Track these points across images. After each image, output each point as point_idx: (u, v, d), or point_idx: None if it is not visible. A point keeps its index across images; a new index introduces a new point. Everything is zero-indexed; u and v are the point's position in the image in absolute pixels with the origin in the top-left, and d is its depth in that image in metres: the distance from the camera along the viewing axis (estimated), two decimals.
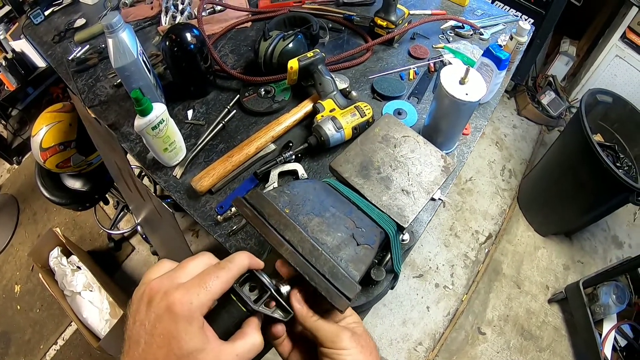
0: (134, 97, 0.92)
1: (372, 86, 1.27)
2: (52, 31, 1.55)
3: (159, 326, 0.39)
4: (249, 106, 1.20)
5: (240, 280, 0.48)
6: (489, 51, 1.13)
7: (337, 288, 0.49)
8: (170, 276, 0.42)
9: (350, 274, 0.53)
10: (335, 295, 0.48)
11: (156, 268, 0.45)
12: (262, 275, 0.48)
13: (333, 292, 0.48)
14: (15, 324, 2.37)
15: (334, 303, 0.48)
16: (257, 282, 0.48)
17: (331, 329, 0.47)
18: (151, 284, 0.42)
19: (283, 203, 0.60)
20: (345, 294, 0.49)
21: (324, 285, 0.49)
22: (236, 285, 0.47)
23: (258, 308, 0.47)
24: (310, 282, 0.49)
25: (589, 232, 2.52)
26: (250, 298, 0.47)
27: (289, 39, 1.21)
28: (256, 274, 0.48)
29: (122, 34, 1.03)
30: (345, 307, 0.48)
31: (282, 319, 0.48)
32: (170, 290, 0.40)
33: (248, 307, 0.46)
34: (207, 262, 0.46)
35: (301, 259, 0.50)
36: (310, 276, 0.49)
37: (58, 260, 2.13)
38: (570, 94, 2.97)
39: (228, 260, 0.45)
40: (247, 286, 0.48)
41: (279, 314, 0.48)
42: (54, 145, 1.63)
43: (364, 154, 0.79)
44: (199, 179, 1.02)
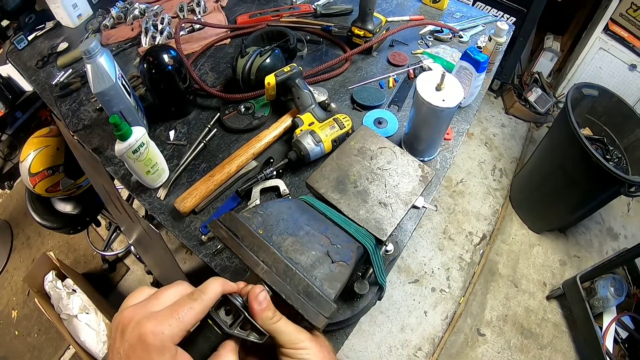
0: (113, 123, 0.92)
1: (352, 96, 1.27)
2: (36, 56, 1.55)
3: (133, 356, 0.39)
4: (230, 124, 1.20)
5: (216, 304, 0.48)
6: (467, 54, 1.13)
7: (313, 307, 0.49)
8: (144, 305, 0.43)
9: (325, 292, 0.53)
10: (312, 312, 0.49)
11: (134, 295, 0.46)
12: (236, 298, 0.48)
13: (310, 310, 0.49)
14: (14, 349, 2.35)
15: (311, 320, 0.49)
16: (231, 306, 0.48)
17: (291, 330, 0.48)
18: (124, 313, 0.42)
19: (257, 224, 0.60)
20: (320, 313, 0.49)
21: (299, 303, 0.49)
22: (212, 310, 0.47)
23: (233, 332, 0.47)
24: (287, 300, 0.49)
25: (584, 226, 2.52)
26: (226, 322, 0.47)
27: (266, 54, 1.21)
28: (230, 298, 0.48)
29: (100, 59, 1.03)
30: (322, 324, 0.49)
31: (257, 341, 0.48)
32: (143, 320, 0.40)
33: (224, 331, 0.46)
34: (181, 292, 0.46)
35: (277, 277, 0.51)
36: (287, 294, 0.50)
37: (53, 284, 2.12)
38: (557, 89, 2.98)
39: (201, 290, 0.46)
40: (222, 310, 0.48)
41: (254, 336, 0.48)
42: (43, 170, 1.64)
43: (340, 169, 0.79)
44: (181, 199, 1.02)
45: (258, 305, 0.47)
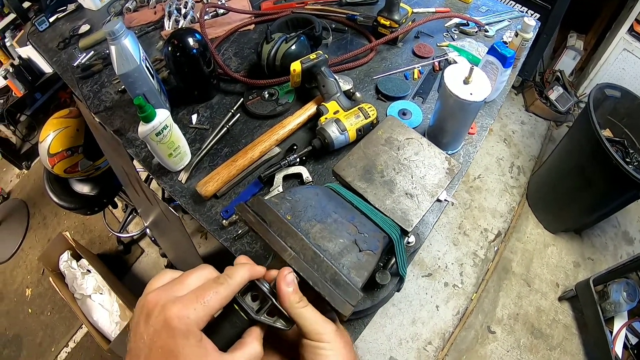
0: (137, 104, 0.92)
1: (377, 86, 1.26)
2: (57, 38, 1.56)
3: (158, 340, 0.39)
4: (253, 109, 1.20)
5: (242, 290, 0.48)
6: (493, 49, 1.12)
7: (340, 295, 0.49)
8: (169, 289, 0.42)
9: (353, 280, 0.52)
10: (339, 300, 0.48)
11: (158, 278, 0.45)
12: (264, 284, 0.48)
13: (337, 298, 0.48)
14: (27, 327, 2.40)
15: (338, 308, 0.48)
16: (258, 292, 0.48)
17: (317, 320, 0.46)
18: (149, 297, 0.42)
19: (285, 209, 0.59)
20: (347, 301, 0.49)
21: (327, 291, 0.48)
22: (238, 295, 0.47)
23: (260, 318, 0.46)
24: (314, 287, 0.48)
25: (599, 228, 2.49)
26: (253, 308, 0.47)
27: (292, 41, 1.20)
28: (257, 283, 0.47)
29: (124, 41, 1.02)
30: (348, 312, 0.48)
31: (284, 328, 0.47)
32: (168, 304, 0.40)
33: (250, 317, 0.46)
34: (207, 276, 0.45)
35: (304, 264, 0.50)
36: (314, 281, 0.49)
37: (68, 264, 2.15)
38: (579, 88, 2.93)
39: (228, 274, 0.45)
40: (249, 296, 0.48)
41: (281, 323, 0.47)
42: (62, 151, 1.65)
43: (367, 158, 0.78)
44: (203, 183, 1.02)
45: (286, 287, 0.46)
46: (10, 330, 2.42)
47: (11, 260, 2.68)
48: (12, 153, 3.04)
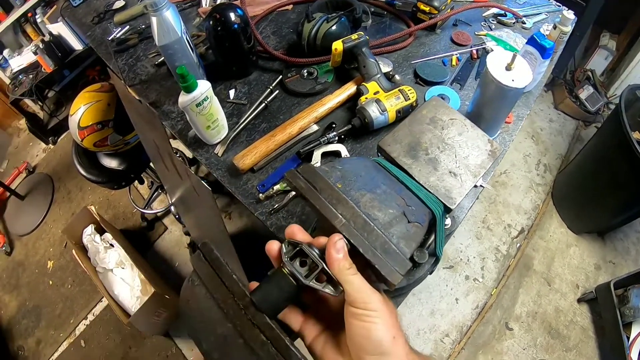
0: (179, 73, 0.93)
1: (415, 71, 1.25)
2: (91, 13, 1.58)
3: None
4: (292, 87, 1.20)
5: (291, 255, 0.48)
6: (533, 39, 1.11)
7: (389, 264, 0.49)
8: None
9: (402, 250, 0.52)
10: (388, 268, 0.48)
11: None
12: (313, 249, 0.48)
13: (386, 265, 0.48)
14: (47, 298, 2.45)
15: (387, 276, 0.48)
16: (307, 257, 0.47)
17: (365, 287, 0.46)
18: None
19: (335, 178, 0.59)
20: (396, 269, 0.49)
21: (377, 258, 0.48)
22: (287, 260, 0.47)
23: (309, 283, 0.46)
24: (365, 254, 0.48)
25: (623, 232, 2.45)
26: (302, 273, 0.47)
27: (333, 21, 1.20)
28: (305, 249, 0.47)
29: (165, 13, 1.03)
30: (397, 281, 0.48)
31: (333, 294, 0.47)
32: None
33: (299, 281, 0.46)
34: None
35: (355, 232, 0.50)
36: (365, 249, 0.49)
37: (91, 238, 2.18)
38: (609, 89, 2.88)
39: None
40: (297, 261, 0.48)
41: (330, 289, 0.47)
42: (92, 124, 1.66)
43: (412, 135, 0.78)
44: (241, 157, 1.03)
45: (336, 253, 0.46)
46: (30, 301, 2.47)
47: (34, 233, 2.73)
48: (39, 128, 3.09)
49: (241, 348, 0.46)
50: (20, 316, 2.43)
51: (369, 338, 0.44)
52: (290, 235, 0.51)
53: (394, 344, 0.45)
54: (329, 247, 0.47)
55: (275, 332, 0.45)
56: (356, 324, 0.45)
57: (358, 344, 0.45)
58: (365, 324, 0.45)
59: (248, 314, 0.46)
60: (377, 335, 0.44)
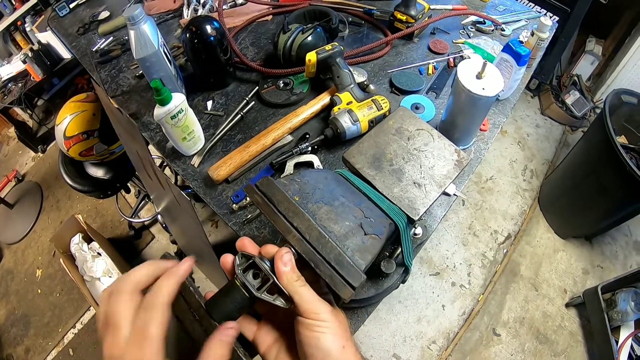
0: (154, 87, 0.94)
1: (391, 80, 1.26)
2: (77, 23, 1.59)
3: None
4: (268, 98, 1.21)
5: (244, 267, 0.49)
6: (508, 47, 1.12)
7: (342, 276, 0.49)
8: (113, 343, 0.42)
9: (356, 262, 0.52)
10: (339, 283, 0.49)
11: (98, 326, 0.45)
12: (265, 262, 0.49)
13: (337, 280, 0.49)
14: (36, 307, 2.44)
15: (338, 291, 0.48)
16: (259, 270, 0.49)
17: (313, 298, 0.47)
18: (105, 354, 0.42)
19: (293, 191, 0.60)
20: (349, 283, 0.49)
21: (328, 273, 0.49)
22: (240, 272, 0.48)
23: (260, 295, 0.47)
24: (316, 269, 0.49)
25: (610, 236, 2.46)
26: (254, 285, 0.48)
27: (308, 32, 1.21)
28: (257, 262, 0.48)
29: (143, 26, 1.04)
30: (348, 295, 0.48)
31: (283, 306, 0.48)
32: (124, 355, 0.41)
33: (251, 293, 0.47)
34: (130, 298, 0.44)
35: (308, 246, 0.51)
36: (316, 263, 0.49)
37: (79, 247, 2.18)
38: (596, 94, 2.90)
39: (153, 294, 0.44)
40: (250, 273, 0.49)
41: (281, 301, 0.48)
42: (78, 134, 1.67)
43: (377, 146, 0.79)
44: (216, 167, 1.04)
45: (283, 266, 0.47)
46: (19, 309, 2.46)
47: (23, 241, 2.73)
48: (28, 136, 3.09)
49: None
50: (9, 324, 2.42)
51: (317, 347, 0.46)
52: (240, 247, 0.52)
53: (343, 353, 0.46)
54: (277, 260, 0.48)
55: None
56: (306, 334, 0.46)
57: (308, 353, 0.46)
58: (314, 333, 0.46)
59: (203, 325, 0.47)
60: (325, 345, 0.45)
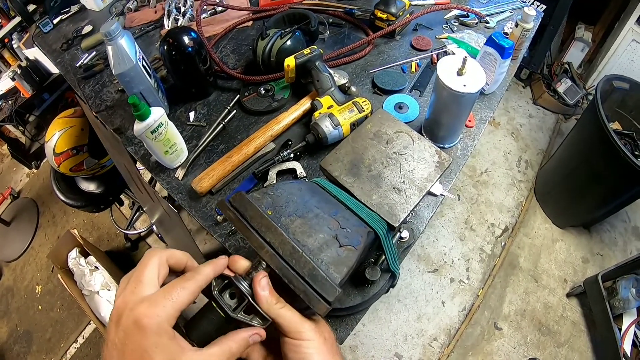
0: (131, 103, 0.93)
1: (373, 80, 1.25)
2: (61, 39, 1.58)
3: (129, 342, 0.39)
4: (249, 106, 1.20)
5: (221, 287, 0.49)
6: (491, 40, 1.10)
7: (317, 291, 0.48)
8: (133, 291, 0.42)
9: (331, 276, 0.52)
10: (313, 298, 0.48)
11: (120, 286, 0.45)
12: (241, 282, 0.48)
13: (312, 296, 0.48)
14: (37, 323, 2.45)
15: (313, 307, 0.48)
16: (236, 290, 0.48)
17: (295, 319, 0.47)
18: (116, 303, 0.42)
19: (266, 205, 0.59)
20: (324, 297, 0.49)
21: (302, 288, 0.48)
22: (216, 293, 0.48)
23: (236, 316, 0.47)
24: (289, 284, 0.48)
25: (609, 223, 2.45)
26: (230, 306, 0.47)
27: (287, 36, 1.20)
28: (235, 281, 0.48)
29: (120, 41, 1.04)
30: (324, 311, 0.48)
31: (260, 325, 0.48)
32: (136, 305, 0.40)
33: (227, 314, 0.46)
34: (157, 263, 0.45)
35: (281, 261, 0.50)
36: (289, 279, 0.49)
37: (76, 261, 2.18)
38: (587, 81, 2.89)
39: (194, 271, 0.46)
40: (227, 293, 0.49)
41: (257, 322, 0.48)
42: (67, 150, 1.67)
43: (354, 152, 0.77)
44: (199, 180, 1.03)
45: (261, 290, 0.47)
46: (21, 326, 2.46)
47: (22, 258, 2.73)
48: (21, 153, 3.09)
49: None
50: (11, 342, 2.42)
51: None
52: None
53: None
54: (255, 285, 0.48)
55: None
56: (291, 356, 0.47)
57: None
58: (300, 355, 0.46)
59: None
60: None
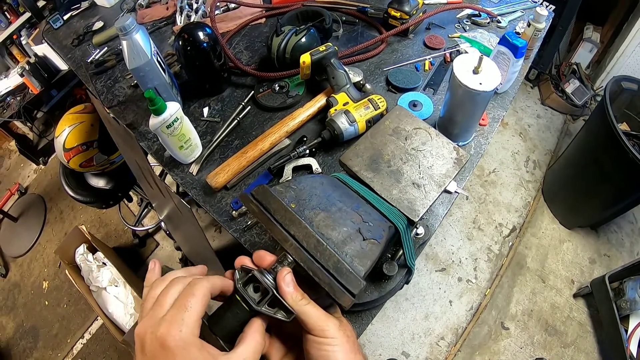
0: (148, 97, 0.93)
1: (387, 78, 1.25)
2: (72, 35, 1.59)
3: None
4: (263, 102, 1.20)
5: (244, 281, 0.48)
6: (505, 39, 1.10)
7: (342, 283, 0.48)
8: (151, 316, 0.43)
9: (355, 269, 0.52)
10: (338, 291, 0.48)
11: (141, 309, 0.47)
12: (265, 275, 0.48)
13: (336, 288, 0.48)
14: (44, 319, 2.46)
15: (337, 299, 0.48)
16: (260, 283, 0.48)
17: (320, 316, 0.47)
18: (137, 331, 0.43)
19: (289, 198, 0.59)
20: (349, 290, 0.49)
21: (327, 281, 0.48)
22: (240, 286, 0.48)
23: (261, 309, 0.47)
24: (314, 277, 0.48)
25: (616, 224, 2.44)
26: (254, 299, 0.47)
27: (302, 33, 1.21)
28: (257, 275, 0.48)
29: (135, 36, 1.04)
30: (348, 304, 0.48)
31: (285, 319, 0.48)
32: (155, 328, 0.41)
33: (251, 307, 0.47)
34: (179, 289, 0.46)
35: (305, 254, 0.50)
36: (314, 272, 0.49)
37: (84, 257, 2.19)
38: (595, 82, 2.88)
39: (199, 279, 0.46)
40: (251, 287, 0.49)
41: (282, 315, 0.48)
42: (77, 146, 1.67)
43: (373, 148, 0.78)
44: (214, 175, 1.03)
45: (286, 286, 0.47)
46: (28, 322, 2.48)
47: (29, 254, 2.74)
48: (29, 149, 3.10)
49: None
50: (18, 337, 2.43)
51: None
52: (238, 264, 0.52)
53: None
54: (279, 281, 0.48)
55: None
56: (314, 353, 0.46)
57: None
58: (323, 352, 0.46)
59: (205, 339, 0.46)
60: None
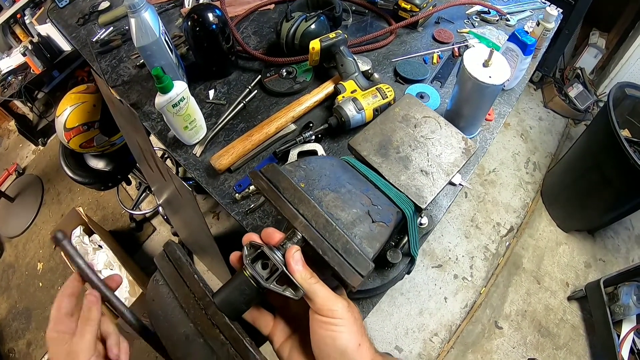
0: (155, 74, 0.92)
1: (395, 69, 1.25)
2: (77, 14, 1.57)
3: None
4: (270, 86, 1.20)
5: (253, 257, 0.48)
6: (514, 36, 1.10)
7: (350, 264, 0.48)
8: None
9: (364, 250, 0.51)
10: (348, 270, 0.48)
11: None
12: (274, 252, 0.48)
13: (346, 267, 0.48)
14: (37, 300, 2.44)
15: (346, 278, 0.47)
16: (268, 260, 0.47)
17: (329, 296, 0.47)
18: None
19: (299, 177, 0.59)
20: (357, 271, 0.48)
21: (337, 260, 0.48)
22: (248, 262, 0.47)
23: (269, 285, 0.46)
24: (324, 256, 0.48)
25: (613, 230, 2.45)
26: (263, 276, 0.47)
27: (311, 20, 1.20)
28: (267, 251, 0.47)
29: (144, 14, 1.03)
30: (357, 284, 0.48)
31: (293, 296, 0.47)
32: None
33: (260, 284, 0.46)
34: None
35: (315, 233, 0.50)
36: (324, 250, 0.48)
37: (80, 239, 2.17)
38: (599, 87, 2.89)
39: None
40: (259, 263, 0.48)
41: (290, 292, 0.47)
42: (78, 126, 1.66)
43: (383, 133, 0.77)
44: (218, 157, 1.02)
45: (295, 264, 0.47)
46: (21, 303, 2.46)
47: (24, 234, 2.72)
48: (28, 129, 3.08)
49: (201, 347, 0.46)
50: (10, 318, 2.42)
51: (334, 346, 0.45)
52: (246, 240, 0.51)
53: (358, 351, 0.46)
54: (288, 258, 0.47)
55: (234, 332, 0.45)
56: (321, 333, 0.46)
57: (324, 352, 0.46)
58: (330, 332, 0.45)
59: (208, 314, 0.46)
60: (342, 344, 0.45)
